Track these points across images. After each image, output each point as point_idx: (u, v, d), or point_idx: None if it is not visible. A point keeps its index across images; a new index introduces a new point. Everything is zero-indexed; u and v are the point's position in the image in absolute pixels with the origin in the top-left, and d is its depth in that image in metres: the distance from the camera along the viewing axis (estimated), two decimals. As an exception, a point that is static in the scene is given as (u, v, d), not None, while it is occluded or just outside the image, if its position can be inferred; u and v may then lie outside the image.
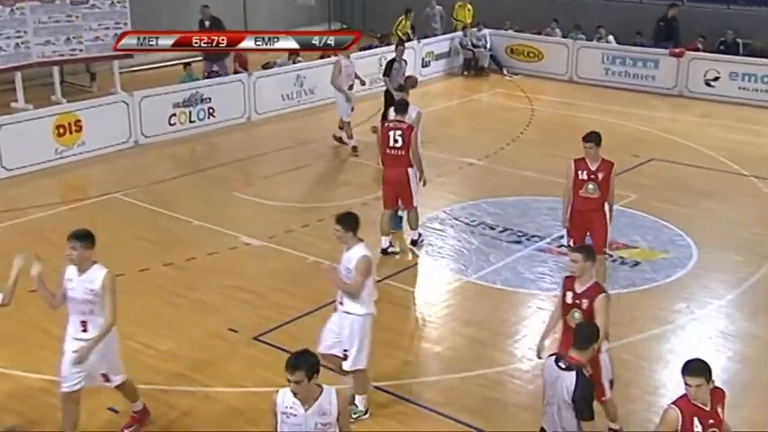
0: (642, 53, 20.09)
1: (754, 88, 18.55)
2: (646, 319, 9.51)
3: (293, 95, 18.30)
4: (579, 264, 6.75)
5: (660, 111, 18.53)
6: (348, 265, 7.36)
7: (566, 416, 5.75)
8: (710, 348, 9.02)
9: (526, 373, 8.59)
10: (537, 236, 11.73)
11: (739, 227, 12.09)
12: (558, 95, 19.88)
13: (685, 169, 14.62)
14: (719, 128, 17.15)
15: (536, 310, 9.82)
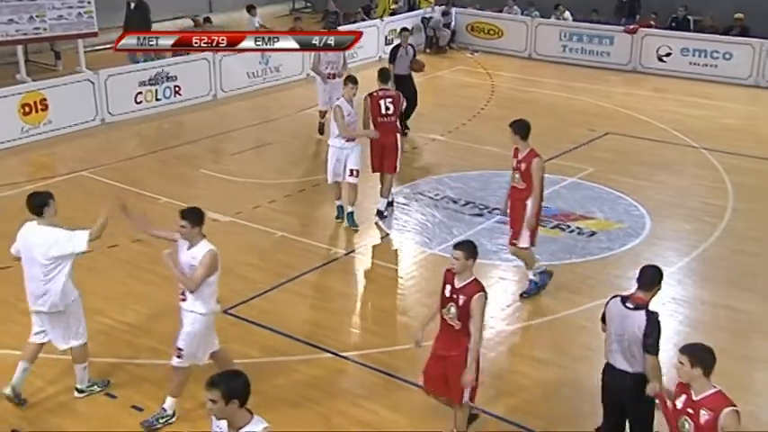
0: (598, 30, 20.20)
1: (704, 63, 18.78)
2: (602, 286, 9.63)
3: (258, 73, 18.17)
4: (460, 261, 6.32)
5: (615, 86, 18.69)
6: (192, 261, 6.82)
7: (637, 352, 6.13)
8: (663, 313, 9.09)
9: (488, 341, 8.65)
10: (498, 208, 11.77)
11: (690, 197, 12.30)
12: (517, 72, 19.96)
13: (639, 142, 14.80)
14: (672, 102, 17.36)
15: (498, 280, 9.93)
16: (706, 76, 18.61)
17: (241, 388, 4.74)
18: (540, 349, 8.51)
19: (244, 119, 16.28)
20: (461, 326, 6.38)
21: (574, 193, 12.37)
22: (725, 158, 13.67)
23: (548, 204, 11.79)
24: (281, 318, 8.97)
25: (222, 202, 11.88)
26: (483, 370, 8.23)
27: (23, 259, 7.18)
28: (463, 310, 6.32)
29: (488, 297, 6.44)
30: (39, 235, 7.05)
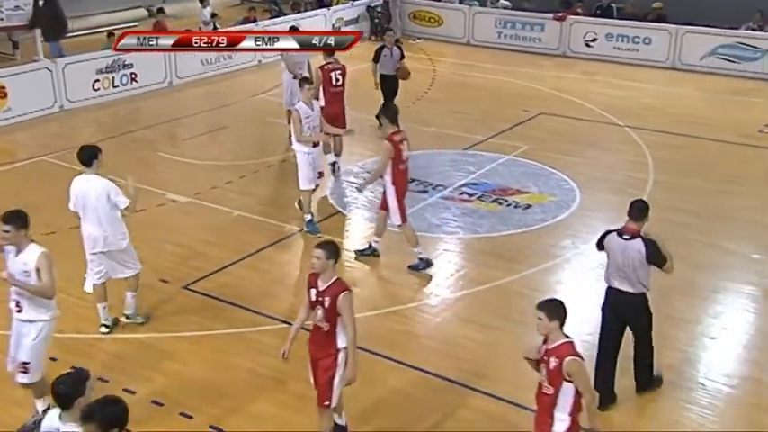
0: (530, 18, 20.31)
1: (627, 48, 19.01)
2: (537, 255, 9.78)
3: (212, 60, 17.86)
4: (321, 261, 5.80)
5: (547, 70, 18.83)
6: (24, 268, 6.11)
7: (641, 272, 6.64)
8: (592, 278, 9.33)
9: (433, 307, 8.77)
10: (441, 185, 11.87)
11: (615, 171, 12.49)
12: (457, 57, 19.99)
13: (570, 122, 14.96)
14: (598, 84, 17.57)
15: (443, 252, 9.98)
16: (628, 60, 18.85)
17: (120, 414, 4.15)
18: (482, 314, 8.57)
19: (199, 104, 16.04)
20: (329, 327, 5.89)
21: (510, 169, 12.48)
22: (646, 135, 13.91)
23: (486, 180, 12.02)
24: (240, 291, 8.91)
25: (180, 183, 11.72)
26: (429, 336, 8.37)
27: (81, 207, 7.62)
28: (330, 311, 5.83)
29: (352, 294, 5.91)
30: (91, 184, 7.51)
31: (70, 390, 4.47)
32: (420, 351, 7.90)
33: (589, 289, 9.14)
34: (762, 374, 7.54)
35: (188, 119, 15.29)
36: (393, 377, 7.51)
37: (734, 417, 7.04)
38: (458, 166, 12.61)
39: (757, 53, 17.53)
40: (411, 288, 9.14)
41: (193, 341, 7.95)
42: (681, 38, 18.34)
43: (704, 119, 14.77)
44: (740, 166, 12.70)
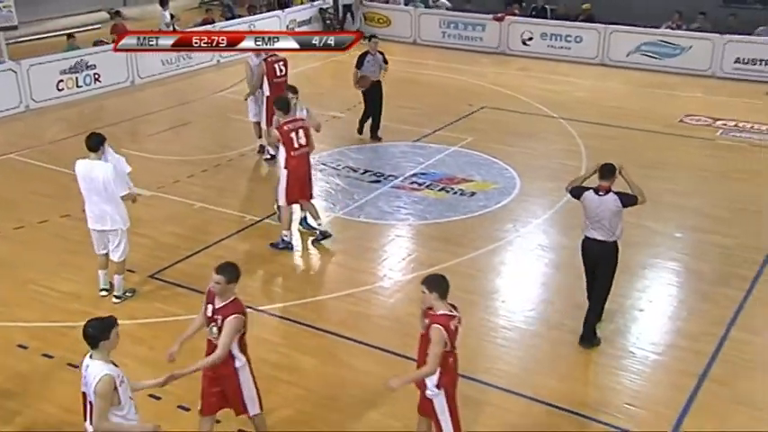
0: (471, 18, 20.38)
1: (560, 46, 19.19)
2: (482, 238, 9.87)
3: (173, 60, 17.54)
4: (221, 285, 5.48)
5: (488, 67, 18.93)
6: None
7: (614, 222, 7.28)
8: (532, 258, 9.51)
9: (387, 289, 8.79)
10: (392, 175, 11.89)
11: (551, 160, 12.64)
12: (404, 56, 19.91)
13: (510, 114, 15.10)
14: (535, 79, 17.73)
15: (394, 238, 10.01)
16: (561, 57, 19.03)
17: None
18: (432, 294, 8.63)
19: (160, 102, 15.76)
20: None
21: (456, 159, 12.55)
22: (578, 126, 14.09)
23: (434, 170, 12.07)
24: (203, 279, 8.71)
25: (144, 177, 11.41)
26: (383, 316, 8.39)
27: (85, 189, 7.82)
28: (222, 330, 5.49)
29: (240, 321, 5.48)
30: (97, 167, 7.74)
31: (97, 332, 4.85)
32: (375, 330, 7.93)
33: (529, 268, 9.31)
34: (684, 342, 7.73)
35: (151, 116, 15.01)
36: (352, 356, 7.54)
37: (661, 381, 7.22)
38: (408, 158, 12.64)
39: (677, 50, 17.87)
40: (366, 272, 9.15)
41: (159, 327, 7.85)
42: (608, 36, 18.58)
43: (631, 110, 15.03)
44: (663, 153, 12.97)
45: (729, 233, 9.95)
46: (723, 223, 10.26)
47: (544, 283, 8.97)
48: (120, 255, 8.14)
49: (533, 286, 8.94)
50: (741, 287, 8.63)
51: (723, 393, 6.94)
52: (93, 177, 7.74)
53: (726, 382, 7.09)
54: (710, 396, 6.89)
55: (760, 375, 7.20)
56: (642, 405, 6.80)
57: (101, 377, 4.74)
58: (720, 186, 11.58)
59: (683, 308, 8.42)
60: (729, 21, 17.99)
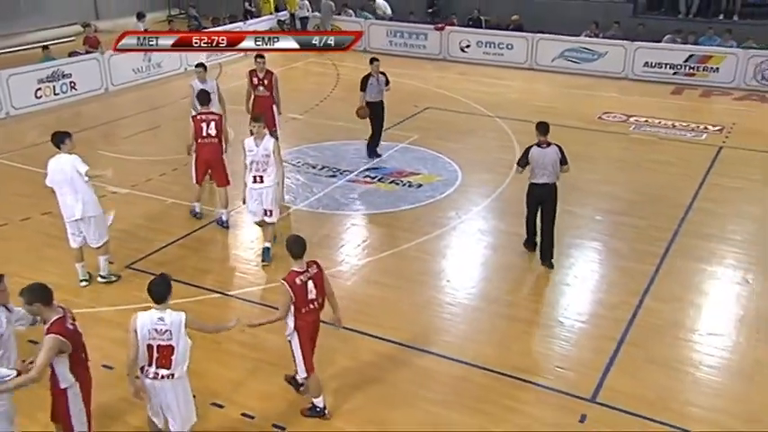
0: (415, 28, 20.40)
1: (494, 52, 19.34)
2: (428, 225, 9.92)
3: (143, 69, 17.19)
4: (29, 308, 5.14)
5: (431, 71, 18.98)
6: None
7: (556, 168, 8.37)
8: (473, 241, 9.60)
9: (344, 273, 8.77)
10: (347, 170, 11.86)
11: (488, 154, 12.76)
12: (355, 63, 19.73)
13: (451, 114, 15.18)
14: (473, 83, 17.84)
15: (350, 226, 10.00)
16: (495, 62, 19.18)
17: None
18: (384, 276, 8.65)
19: (133, 107, 15.41)
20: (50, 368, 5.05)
21: (404, 155, 12.58)
22: (511, 124, 14.22)
23: (385, 165, 12.08)
24: (176, 268, 8.64)
25: (119, 177, 11.12)
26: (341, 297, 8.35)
27: (57, 183, 7.76)
28: None
29: (58, 341, 4.95)
30: (62, 160, 7.71)
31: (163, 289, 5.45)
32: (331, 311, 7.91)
33: (471, 251, 9.40)
34: (605, 311, 7.90)
35: (124, 120, 14.67)
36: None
37: (586, 345, 7.37)
38: (361, 154, 12.62)
39: (594, 55, 18.18)
40: (325, 258, 9.04)
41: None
42: (536, 44, 18.80)
43: (556, 109, 15.23)
44: (585, 146, 13.16)
45: (642, 215, 10.18)
46: (636, 207, 10.48)
47: (483, 264, 9.08)
48: (97, 240, 8.04)
49: (474, 266, 9.04)
50: (652, 262, 8.86)
51: (638, 354, 7.13)
52: (62, 170, 7.70)
53: (640, 344, 7.28)
54: (628, 357, 7.08)
55: (668, 338, 7.43)
56: (570, 367, 6.95)
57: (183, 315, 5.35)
58: (634, 175, 11.84)
59: (604, 281, 8.60)
60: (639, 29, 18.39)
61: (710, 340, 7.36)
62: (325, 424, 6.17)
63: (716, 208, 10.45)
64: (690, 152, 12.86)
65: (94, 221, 7.95)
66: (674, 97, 16.51)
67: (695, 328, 7.61)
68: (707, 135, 13.80)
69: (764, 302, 8.05)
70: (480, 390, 6.61)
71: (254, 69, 11.40)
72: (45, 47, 16.47)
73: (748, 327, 7.60)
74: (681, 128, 14.20)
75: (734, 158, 12.51)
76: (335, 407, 6.34)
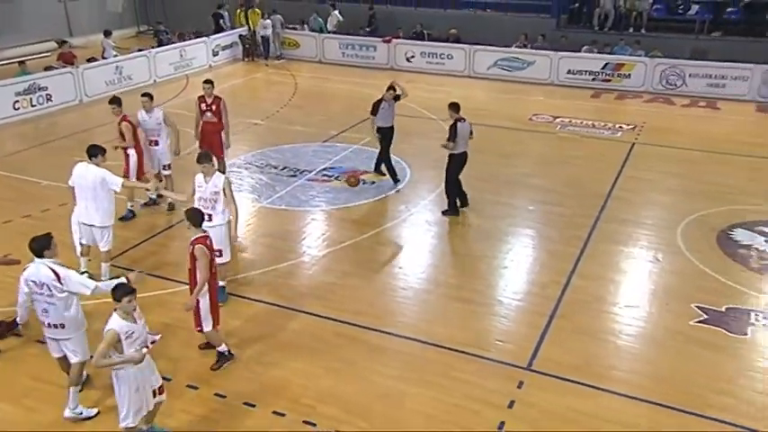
0: (365, 41, 20.31)
1: (436, 62, 19.38)
2: (381, 218, 9.92)
3: (115, 81, 16.68)
4: None
5: (380, 80, 18.72)
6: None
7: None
8: (421, 231, 9.63)
9: (306, 263, 8.71)
10: (306, 170, 11.75)
11: (433, 153, 12.55)
12: (312, 73, 19.71)
13: (399, 118, 14.80)
14: (418, 89, 17.70)
15: (310, 221, 9.91)
16: (437, 71, 19.21)
17: None
18: (342, 265, 8.62)
19: (106, 117, 14.63)
20: None
21: (358, 155, 12.54)
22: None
23: (341, 164, 12.01)
24: (151, 263, 8.49)
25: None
26: (303, 285, 8.27)
27: (79, 186, 7.60)
28: None
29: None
30: (92, 171, 7.58)
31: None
32: (298, 297, 7.85)
33: (419, 240, 9.42)
34: (538, 290, 8.02)
35: (99, 129, 14.12)
36: (277, 317, 7.44)
37: (522, 320, 7.48)
38: (318, 155, 12.53)
39: (524, 64, 18.42)
40: (288, 250, 9.04)
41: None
42: (473, 54, 18.93)
43: (492, 112, 15.39)
44: (517, 144, 13.38)
45: (568, 205, 10.36)
46: (563, 197, 10.65)
47: (431, 251, 9.12)
48: (106, 245, 7.91)
49: (423, 254, 9.08)
50: (577, 245, 9.03)
51: (567, 326, 7.27)
52: (86, 178, 7.57)
53: (569, 317, 7.43)
54: (558, 329, 7.22)
55: (593, 311, 7.60)
56: (508, 340, 7.05)
57: None
58: (560, 169, 12.04)
59: (537, 263, 8.72)
60: (562, 41, 18.71)
61: (628, 312, 7.57)
62: (293, 399, 6.12)
63: (631, 197, 10.72)
64: (607, 148, 13.15)
65: (107, 231, 7.84)
66: (593, 100, 16.86)
67: (615, 301, 7.82)
68: (622, 133, 14.14)
69: (672, 278, 8.31)
70: (431, 364, 6.65)
71: (203, 95, 10.15)
72: (21, 62, 15.86)
73: (659, 299, 7.84)
74: (599, 127, 14.52)
75: (645, 153, 12.86)
76: (304, 386, 6.29)
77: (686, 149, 13.02)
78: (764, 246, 9.00)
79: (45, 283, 5.58)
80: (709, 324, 7.28)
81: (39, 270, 5.61)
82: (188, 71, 18.58)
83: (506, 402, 6.10)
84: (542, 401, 6.11)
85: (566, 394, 6.20)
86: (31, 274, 5.64)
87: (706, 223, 9.64)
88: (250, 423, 5.87)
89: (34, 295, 5.65)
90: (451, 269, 8.58)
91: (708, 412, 5.99)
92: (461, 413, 5.97)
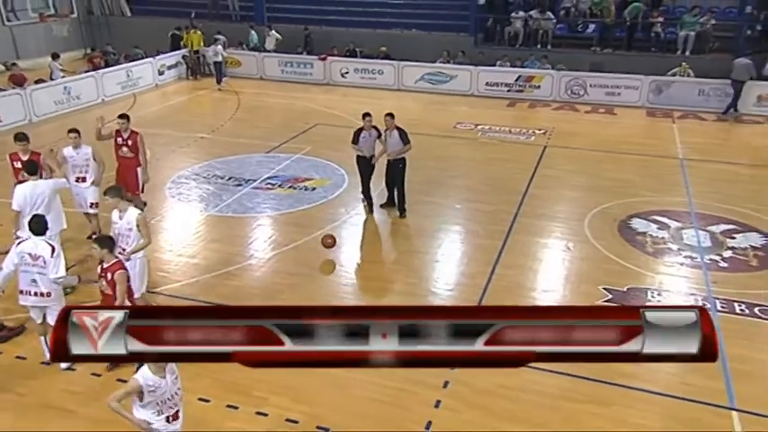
0: (303, 59, 20.09)
1: (369, 77, 19.38)
2: (322, 221, 9.80)
3: (64, 101, 15.83)
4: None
5: (318, 94, 18.77)
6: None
7: (399, 148, 9.06)
8: (359, 232, 9.59)
9: (254, 265, 8.52)
10: (251, 179, 11.50)
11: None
12: (254, 89, 19.33)
13: (337, 129, 14.99)
14: (353, 102, 17.76)
15: (257, 226, 9.71)
16: (370, 85, 19.19)
17: None
18: (288, 266, 8.48)
19: (56, 135, 13.97)
20: None
21: (299, 164, 12.37)
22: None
23: (284, 173, 11.82)
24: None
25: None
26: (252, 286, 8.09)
27: (29, 206, 7.03)
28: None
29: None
30: (39, 185, 7.24)
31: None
32: (247, 297, 7.66)
33: (358, 239, 9.38)
34: (467, 280, 8.13)
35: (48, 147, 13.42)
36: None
37: (453, 309, 7.56)
38: (262, 165, 12.29)
39: (448, 78, 18.68)
40: (237, 254, 8.82)
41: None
42: (401, 69, 19.04)
43: (421, 121, 15.48)
44: (444, 150, 13.53)
45: (490, 202, 10.55)
46: (486, 195, 10.84)
47: (369, 249, 9.10)
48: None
49: (361, 252, 9.05)
50: (500, 238, 9.20)
51: (494, 311, 7.39)
52: (36, 194, 7.17)
53: (495, 303, 7.56)
54: (486, 314, 7.32)
55: (516, 297, 7.73)
56: (442, 327, 7.09)
57: None
58: (483, 170, 12.27)
59: (465, 256, 8.83)
60: (479, 57, 19.09)
61: (546, 296, 7.78)
62: (246, 393, 5.94)
63: (544, 193, 11.03)
64: (523, 151, 13.49)
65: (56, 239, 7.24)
66: (509, 109, 17.28)
67: (534, 287, 8.01)
68: (534, 137, 14.55)
69: (582, 264, 8.60)
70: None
71: (119, 129, 9.02)
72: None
73: (572, 283, 8.10)
74: (515, 132, 14.88)
75: (555, 154, 13.27)
76: (256, 380, 6.13)
77: (589, 150, 13.53)
78: (657, 232, 9.44)
79: (41, 256, 5.91)
80: (613, 303, 7.56)
81: (37, 245, 5.95)
82: (135, 90, 17.87)
83: (441, 383, 6.14)
84: (474, 380, 6.18)
85: (495, 373, 6.29)
86: (28, 247, 5.94)
87: (608, 215, 10.02)
88: (206, 417, 5.66)
89: (25, 267, 5.93)
90: (388, 265, 8.58)
91: (617, 380, 6.21)
92: (402, 395, 5.97)
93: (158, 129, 14.53)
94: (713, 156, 13.14)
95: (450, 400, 5.93)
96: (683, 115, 16.24)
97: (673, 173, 12.07)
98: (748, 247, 8.92)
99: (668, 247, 8.94)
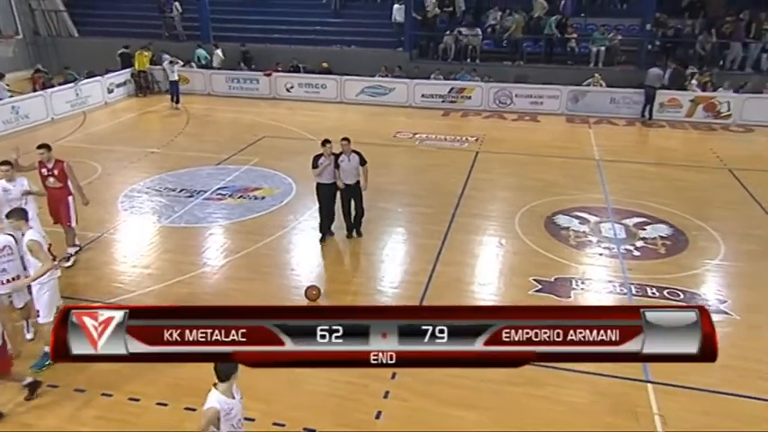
0: (249, 75, 19.73)
1: (313, 91, 19.24)
2: (273, 228, 9.64)
3: (12, 120, 14.94)
4: None
5: (265, 108, 18.48)
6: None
7: (358, 171, 8.58)
8: (308, 237, 9.45)
9: (207, 273, 8.27)
10: (202, 191, 11.18)
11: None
12: (203, 104, 18.82)
13: (284, 140, 14.88)
14: (298, 115, 17.65)
15: (209, 235, 9.44)
16: (314, 98, 19.06)
17: None
18: (241, 272, 8.29)
19: (4, 154, 13.18)
20: None
21: (248, 174, 12.13)
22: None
23: (233, 183, 11.56)
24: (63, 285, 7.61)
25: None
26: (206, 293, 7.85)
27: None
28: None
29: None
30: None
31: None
32: (201, 303, 7.42)
33: (307, 244, 9.27)
34: (410, 278, 8.15)
35: None
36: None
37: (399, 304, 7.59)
38: (213, 176, 11.97)
39: (386, 91, 18.79)
40: (191, 263, 8.54)
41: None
42: (343, 83, 19.01)
43: (363, 131, 15.43)
44: (386, 157, 13.55)
45: (429, 205, 10.65)
46: (425, 199, 10.94)
47: (318, 253, 9.01)
48: None
49: (311, 256, 8.95)
50: (439, 237, 9.30)
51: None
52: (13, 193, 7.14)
53: (436, 298, 7.58)
54: (428, 308, 7.39)
55: (455, 291, 7.83)
56: (389, 322, 7.10)
57: None
58: (421, 176, 12.37)
59: (408, 255, 8.87)
60: (415, 71, 19.33)
61: (483, 289, 7.93)
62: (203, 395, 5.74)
63: (478, 195, 11.25)
64: (458, 157, 13.71)
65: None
66: (443, 118, 17.55)
67: (472, 281, 8.14)
68: (468, 144, 14.84)
69: (514, 258, 8.82)
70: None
71: (41, 160, 8.09)
72: None
73: (505, 276, 8.29)
74: (450, 140, 15.13)
75: (487, 159, 13.57)
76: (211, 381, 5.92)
77: (517, 154, 13.93)
78: (579, 226, 9.82)
79: (6, 245, 5.91)
80: (543, 292, 7.80)
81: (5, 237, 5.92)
82: (85, 108, 17.05)
83: (390, 375, 6.14)
84: (420, 371, 6.19)
85: (437, 361, 6.35)
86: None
87: (536, 212, 10.34)
88: (163, 422, 5.44)
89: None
90: (336, 266, 8.53)
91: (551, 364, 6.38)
92: (352, 388, 5.93)
93: (109, 145, 13.93)
94: (625, 156, 13.81)
95: (398, 390, 5.95)
96: (597, 121, 17.00)
97: (590, 173, 12.59)
98: (657, 237, 9.41)
99: (589, 240, 9.31)
